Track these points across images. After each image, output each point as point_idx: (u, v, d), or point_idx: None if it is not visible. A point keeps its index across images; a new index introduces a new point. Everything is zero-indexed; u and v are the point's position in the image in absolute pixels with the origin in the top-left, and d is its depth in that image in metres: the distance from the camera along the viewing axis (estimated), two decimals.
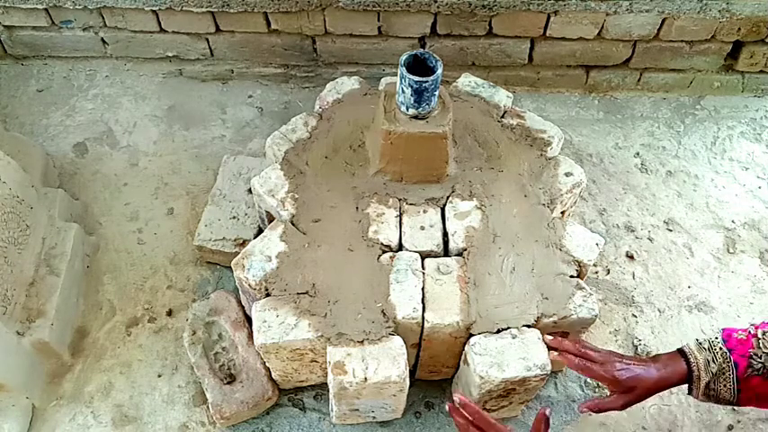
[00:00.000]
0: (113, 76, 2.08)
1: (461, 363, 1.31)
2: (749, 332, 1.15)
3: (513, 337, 1.23)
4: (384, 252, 1.33)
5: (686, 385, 1.19)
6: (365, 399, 1.24)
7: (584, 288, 1.29)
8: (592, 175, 1.86)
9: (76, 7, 1.90)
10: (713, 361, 1.15)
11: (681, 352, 1.19)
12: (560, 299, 1.27)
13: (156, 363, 1.49)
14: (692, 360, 1.16)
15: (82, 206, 1.74)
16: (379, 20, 1.87)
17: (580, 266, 1.33)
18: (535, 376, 1.20)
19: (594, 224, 1.76)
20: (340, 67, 2.04)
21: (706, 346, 1.17)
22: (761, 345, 1.12)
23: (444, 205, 1.40)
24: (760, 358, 1.11)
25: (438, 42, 1.93)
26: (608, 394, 1.21)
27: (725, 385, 1.14)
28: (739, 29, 1.88)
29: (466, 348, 1.26)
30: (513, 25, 1.87)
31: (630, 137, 1.97)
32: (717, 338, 1.18)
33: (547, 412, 1.09)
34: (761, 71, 2.01)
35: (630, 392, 1.18)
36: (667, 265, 1.69)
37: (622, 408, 1.20)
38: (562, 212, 1.49)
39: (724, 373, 1.14)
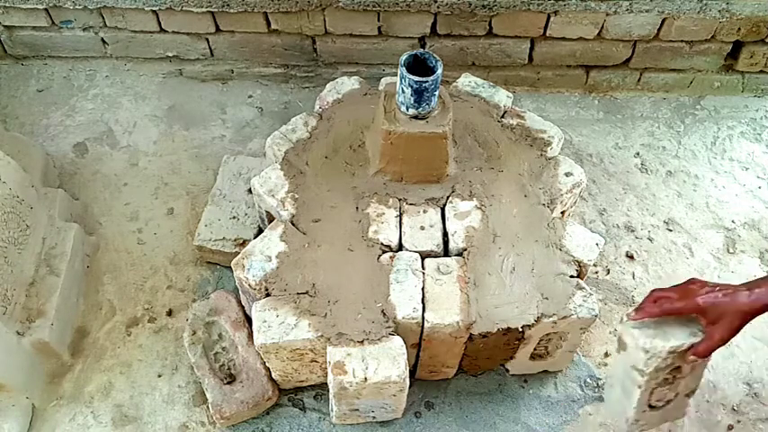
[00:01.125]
0: (113, 76, 2.08)
1: (614, 352, 1.19)
2: None
3: None
4: (384, 252, 1.33)
5: None
6: (365, 399, 1.24)
7: (584, 288, 1.29)
8: (592, 175, 1.86)
9: (76, 7, 1.90)
10: None
11: None
12: (560, 299, 1.27)
13: (156, 363, 1.49)
14: None
15: (82, 206, 1.74)
16: (379, 20, 1.87)
17: (580, 266, 1.33)
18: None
19: (594, 224, 1.76)
20: (340, 67, 2.04)
21: None
22: None
23: (444, 205, 1.40)
24: None
25: (438, 42, 1.93)
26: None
27: None
28: (739, 29, 1.88)
29: (619, 329, 1.11)
30: (513, 25, 1.87)
31: (630, 137, 1.97)
32: None
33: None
34: (761, 71, 2.01)
35: (720, 321, 1.03)
36: (667, 265, 1.69)
37: (721, 342, 1.04)
38: (562, 212, 1.49)
39: None
